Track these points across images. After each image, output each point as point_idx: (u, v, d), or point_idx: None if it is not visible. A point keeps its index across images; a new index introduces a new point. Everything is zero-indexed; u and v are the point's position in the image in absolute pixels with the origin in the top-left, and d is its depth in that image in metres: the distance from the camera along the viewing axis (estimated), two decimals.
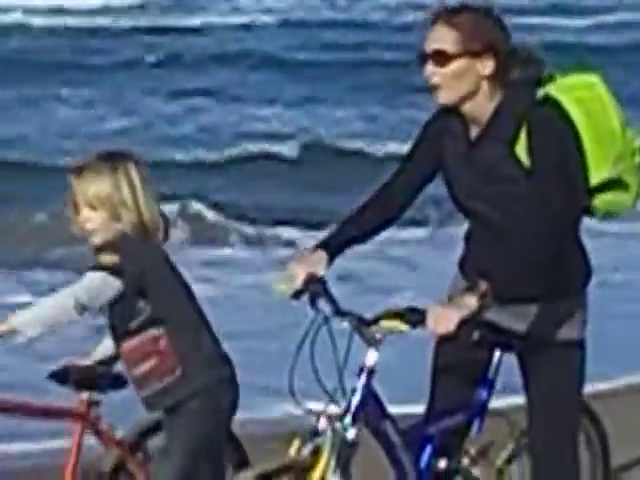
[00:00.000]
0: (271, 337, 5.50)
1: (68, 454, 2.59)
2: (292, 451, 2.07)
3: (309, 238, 7.25)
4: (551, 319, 2.23)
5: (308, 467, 2.09)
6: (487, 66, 2.13)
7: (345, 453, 2.08)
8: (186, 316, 2.49)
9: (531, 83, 2.19)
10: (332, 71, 18.49)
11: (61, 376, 2.60)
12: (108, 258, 2.38)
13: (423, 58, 2.16)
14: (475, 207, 2.27)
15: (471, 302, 1.97)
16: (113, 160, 2.45)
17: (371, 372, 2.12)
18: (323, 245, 2.30)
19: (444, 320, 1.96)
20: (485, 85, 2.16)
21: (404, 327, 2.06)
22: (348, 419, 2.07)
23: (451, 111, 2.21)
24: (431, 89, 2.18)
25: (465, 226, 2.42)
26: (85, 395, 2.58)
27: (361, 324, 2.15)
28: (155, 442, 2.62)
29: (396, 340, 2.19)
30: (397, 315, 2.11)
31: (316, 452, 2.09)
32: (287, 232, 9.13)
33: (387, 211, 2.36)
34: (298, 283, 2.21)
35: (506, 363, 2.36)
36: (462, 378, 2.34)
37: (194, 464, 2.43)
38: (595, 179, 2.16)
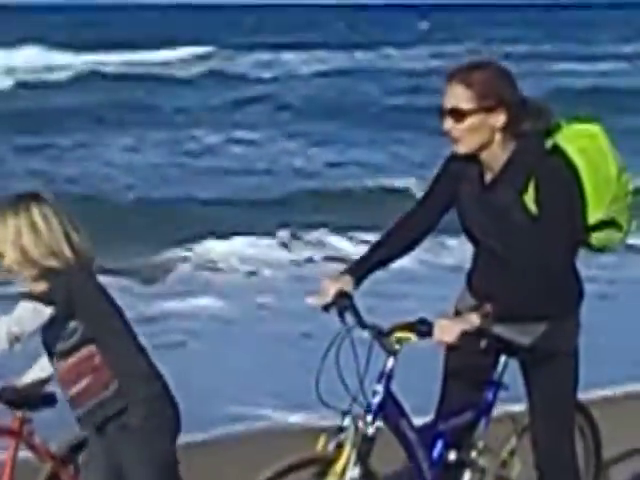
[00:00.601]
0: None
1: (4, 467, 2.73)
2: (319, 446, 2.34)
3: None
4: (551, 334, 2.48)
5: (332, 460, 2.35)
6: (499, 120, 2.35)
7: (365, 447, 2.36)
8: (117, 334, 2.56)
9: (541, 134, 2.41)
10: None
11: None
12: (39, 287, 2.49)
13: (442, 113, 2.38)
14: (485, 241, 2.54)
15: (474, 319, 2.25)
16: (15, 205, 2.54)
17: (390, 377, 2.41)
18: (351, 270, 2.57)
19: (447, 332, 2.24)
20: (498, 136, 2.38)
21: (414, 338, 2.36)
22: (369, 417, 2.36)
23: (469, 155, 2.44)
24: (453, 142, 2.40)
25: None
26: (18, 413, 2.72)
27: (380, 335, 2.43)
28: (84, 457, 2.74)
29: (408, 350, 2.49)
30: (408, 326, 2.39)
31: (339, 447, 2.34)
32: None
33: (409, 239, 2.62)
34: (328, 298, 2.49)
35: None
36: (469, 381, 2.62)
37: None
38: (592, 219, 2.41)
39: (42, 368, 2.72)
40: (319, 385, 2.39)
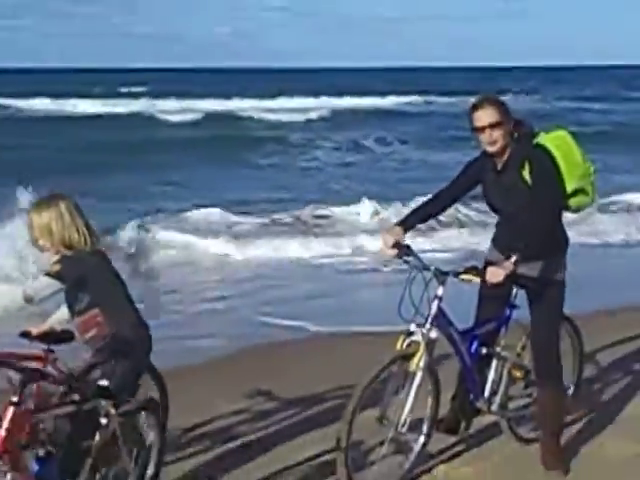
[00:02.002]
0: None
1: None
2: (398, 344, 3.56)
3: None
4: (547, 267, 3.70)
5: (409, 355, 3.55)
6: (509, 129, 3.58)
7: (430, 345, 3.58)
8: (115, 299, 3.36)
9: (528, 136, 3.63)
10: None
11: (28, 335, 3.56)
12: (54, 268, 3.27)
13: (479, 130, 3.56)
14: (501, 207, 3.77)
15: (510, 266, 3.45)
16: (48, 201, 3.31)
17: (441, 298, 3.62)
18: (401, 223, 3.76)
19: (496, 275, 3.44)
20: (509, 139, 3.60)
21: (474, 279, 3.53)
22: (429, 324, 3.57)
23: (486, 154, 3.66)
24: (490, 144, 3.55)
25: None
26: (44, 346, 3.56)
27: (439, 273, 3.62)
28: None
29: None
30: (468, 271, 3.57)
31: (412, 345, 3.56)
32: None
33: (444, 204, 3.87)
34: (389, 246, 3.65)
35: None
36: (495, 303, 3.84)
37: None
38: (569, 189, 3.63)
39: (63, 313, 3.53)
40: (400, 306, 3.57)
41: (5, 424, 2.77)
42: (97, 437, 3.01)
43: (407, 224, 3.74)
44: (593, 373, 5.12)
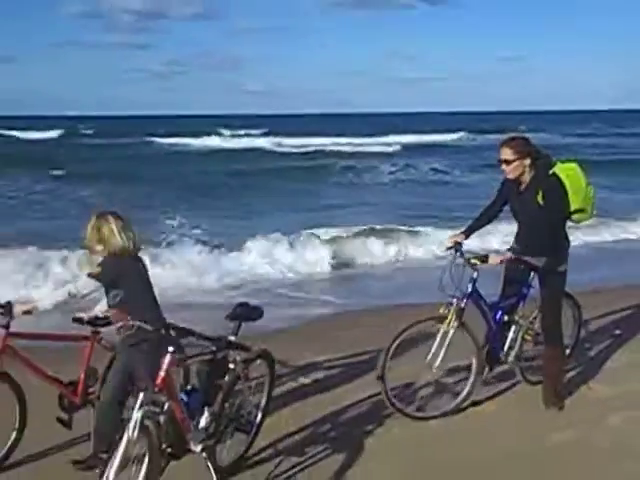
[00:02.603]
0: None
1: (84, 358, 4.48)
2: (440, 310, 4.75)
3: None
4: (553, 262, 4.83)
5: (445, 317, 4.75)
6: (526, 162, 4.72)
7: (460, 312, 4.76)
8: (142, 299, 4.10)
9: (545, 166, 4.74)
10: None
11: (79, 321, 4.43)
12: (95, 270, 4.10)
13: (500, 162, 4.77)
14: (519, 218, 4.94)
15: (504, 256, 4.78)
16: (99, 217, 4.12)
17: (475, 280, 4.77)
18: (464, 230, 5.03)
19: (495, 260, 4.71)
20: (527, 168, 4.73)
21: (479, 262, 4.74)
22: (464, 299, 4.74)
23: (512, 179, 4.80)
24: (507, 173, 4.79)
25: None
26: (92, 328, 4.47)
27: (468, 261, 4.78)
28: None
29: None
30: (478, 257, 4.77)
31: (448, 310, 4.75)
32: None
33: (489, 218, 5.10)
34: (450, 242, 4.93)
35: None
36: (515, 283, 5.02)
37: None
38: (573, 208, 4.77)
39: (103, 305, 4.37)
40: (442, 284, 4.72)
41: (164, 368, 3.72)
42: (226, 379, 4.03)
43: (467, 232, 5.04)
44: (585, 336, 6.29)
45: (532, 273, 4.96)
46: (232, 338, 4.05)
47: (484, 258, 4.80)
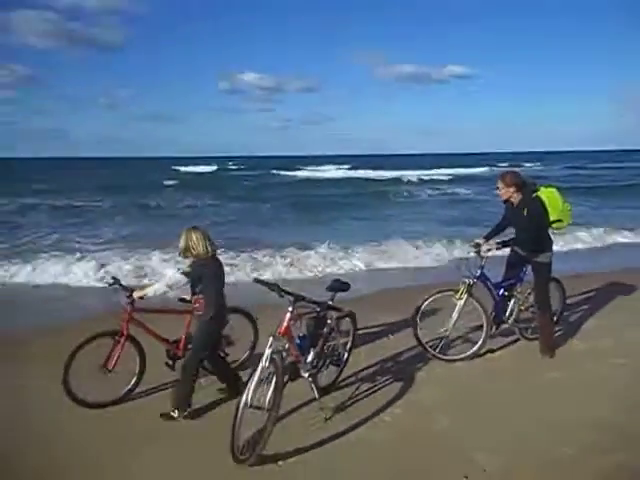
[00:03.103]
0: None
1: (184, 329, 5.95)
2: (460, 285, 6.67)
3: None
4: (541, 256, 6.74)
5: (458, 289, 6.68)
6: (513, 189, 6.60)
7: (469, 288, 6.71)
8: (214, 292, 5.43)
9: (530, 191, 6.61)
10: None
11: (184, 300, 5.80)
12: (187, 269, 5.47)
13: (497, 188, 6.66)
14: (514, 226, 6.83)
15: (486, 247, 6.68)
16: (193, 228, 5.48)
17: (482, 267, 6.73)
18: (484, 236, 6.84)
19: (485, 251, 6.64)
20: (515, 194, 6.62)
21: (474, 251, 6.70)
22: (474, 279, 6.71)
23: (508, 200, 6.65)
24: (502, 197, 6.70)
25: None
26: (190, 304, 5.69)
27: (477, 252, 6.71)
28: None
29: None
30: (475, 246, 6.71)
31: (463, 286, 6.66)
32: None
33: (500, 227, 6.97)
34: (473, 244, 6.80)
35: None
36: (515, 267, 6.99)
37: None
38: (552, 219, 6.64)
39: (167, 284, 5.48)
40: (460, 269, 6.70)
41: (285, 321, 5.27)
42: (325, 329, 5.77)
43: (486, 237, 6.85)
44: (568, 308, 8.30)
45: (526, 263, 6.86)
46: (330, 302, 5.91)
47: (477, 249, 6.69)
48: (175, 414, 5.58)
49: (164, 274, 10.39)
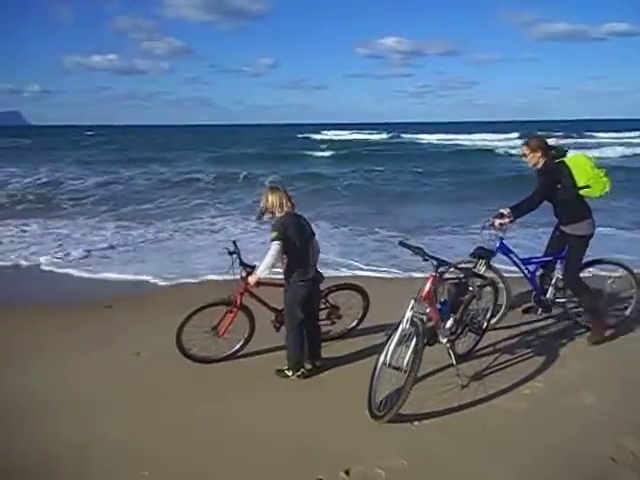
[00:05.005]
0: None
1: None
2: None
3: None
4: (572, 226, 6.17)
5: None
6: (540, 155, 6.04)
7: (487, 261, 6.15)
8: (297, 249, 5.45)
9: (553, 157, 6.08)
10: None
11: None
12: (272, 234, 5.43)
13: (521, 155, 6.15)
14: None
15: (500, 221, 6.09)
16: (271, 188, 5.57)
17: (502, 239, 6.23)
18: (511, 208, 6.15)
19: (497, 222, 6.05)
20: (541, 159, 6.06)
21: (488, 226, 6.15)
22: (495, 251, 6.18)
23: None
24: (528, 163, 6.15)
25: None
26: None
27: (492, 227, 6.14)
28: None
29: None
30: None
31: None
32: None
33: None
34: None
35: None
36: (556, 245, 6.37)
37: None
38: (579, 184, 6.04)
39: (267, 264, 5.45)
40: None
41: (428, 285, 5.20)
42: (466, 296, 5.64)
43: (513, 208, 6.16)
44: None
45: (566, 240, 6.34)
46: (474, 270, 5.78)
47: (502, 220, 6.09)
48: (289, 373, 5.73)
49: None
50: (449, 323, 5.52)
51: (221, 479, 4.10)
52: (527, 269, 6.42)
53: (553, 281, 6.53)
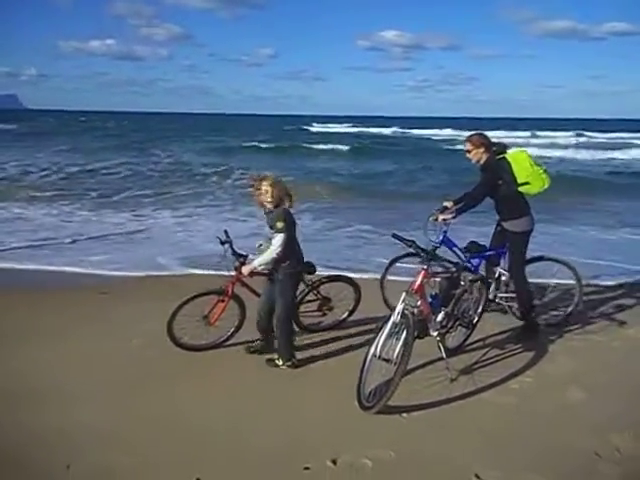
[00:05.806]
0: None
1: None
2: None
3: None
4: (511, 222, 6.23)
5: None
6: (482, 150, 6.10)
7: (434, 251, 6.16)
8: (291, 240, 5.43)
9: (494, 154, 6.16)
10: None
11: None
12: (279, 225, 5.41)
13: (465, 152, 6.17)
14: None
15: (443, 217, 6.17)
16: (274, 179, 5.47)
17: (445, 232, 6.31)
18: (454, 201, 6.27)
19: (444, 215, 6.10)
20: (484, 155, 6.11)
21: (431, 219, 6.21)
22: (438, 243, 5.95)
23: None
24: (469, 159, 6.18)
25: None
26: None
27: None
28: None
29: None
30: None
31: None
32: None
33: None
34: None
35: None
36: (498, 240, 6.42)
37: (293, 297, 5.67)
38: (519, 181, 6.09)
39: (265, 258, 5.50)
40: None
41: (419, 278, 5.22)
42: (458, 290, 5.65)
43: (456, 202, 6.29)
44: None
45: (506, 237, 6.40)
46: (465, 264, 5.77)
47: (435, 215, 6.27)
48: (280, 362, 5.69)
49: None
50: (440, 316, 5.50)
51: (207, 467, 4.06)
52: (470, 262, 6.43)
53: (496, 275, 6.56)
